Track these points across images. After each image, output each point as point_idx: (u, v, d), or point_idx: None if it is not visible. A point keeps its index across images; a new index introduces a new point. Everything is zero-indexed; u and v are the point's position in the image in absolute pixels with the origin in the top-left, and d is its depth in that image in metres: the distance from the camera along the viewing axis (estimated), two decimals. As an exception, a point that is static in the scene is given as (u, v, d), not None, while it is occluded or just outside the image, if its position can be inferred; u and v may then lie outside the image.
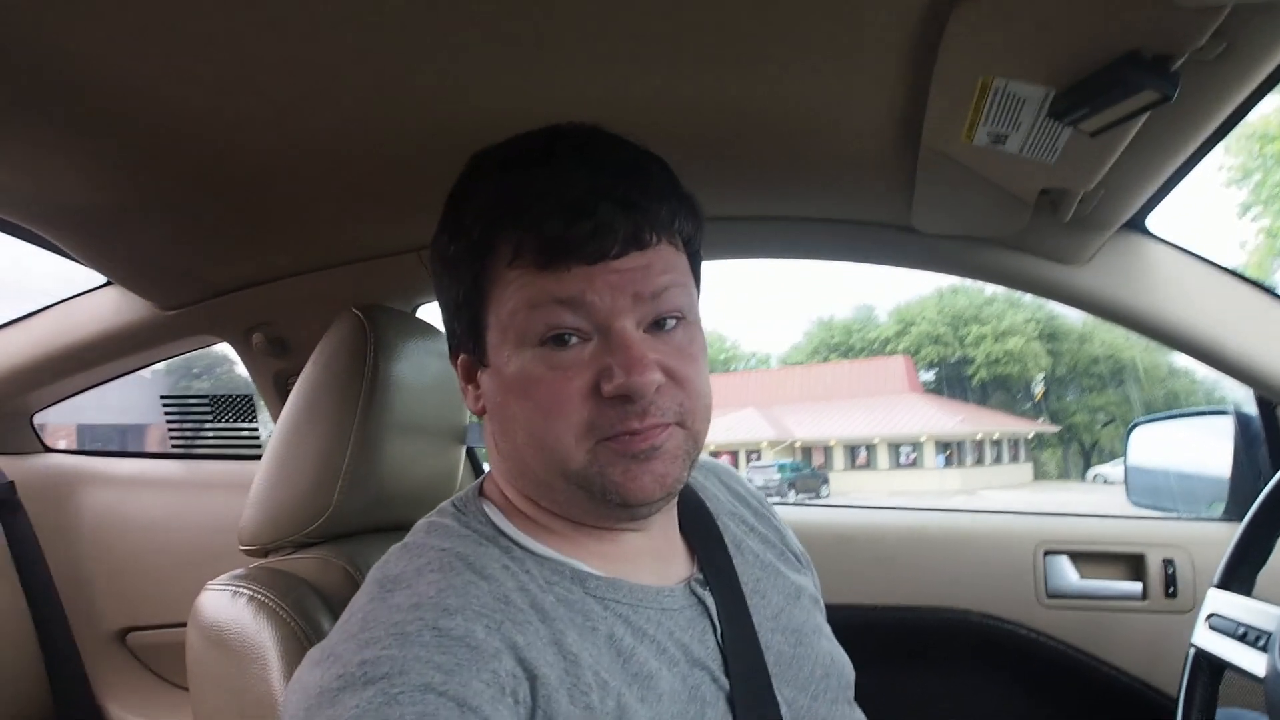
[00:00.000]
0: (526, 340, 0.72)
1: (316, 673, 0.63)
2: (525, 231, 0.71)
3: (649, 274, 0.72)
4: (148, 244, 1.38)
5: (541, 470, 0.75)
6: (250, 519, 1.07)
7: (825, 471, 24.32)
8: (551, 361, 0.71)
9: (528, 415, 0.73)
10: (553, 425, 0.72)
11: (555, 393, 0.71)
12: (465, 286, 0.76)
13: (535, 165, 0.74)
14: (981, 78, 0.82)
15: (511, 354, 0.73)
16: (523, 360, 0.72)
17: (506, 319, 0.73)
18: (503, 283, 0.73)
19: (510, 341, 0.73)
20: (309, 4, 0.77)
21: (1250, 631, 1.03)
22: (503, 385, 0.75)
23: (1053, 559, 1.61)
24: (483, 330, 0.76)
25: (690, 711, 0.73)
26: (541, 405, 0.72)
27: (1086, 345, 29.83)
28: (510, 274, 0.72)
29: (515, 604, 0.70)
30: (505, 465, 0.80)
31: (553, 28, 0.83)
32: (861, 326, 36.04)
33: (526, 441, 0.74)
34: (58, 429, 2.12)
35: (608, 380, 0.70)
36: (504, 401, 0.75)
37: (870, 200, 1.27)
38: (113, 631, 1.87)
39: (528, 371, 0.72)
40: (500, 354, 0.74)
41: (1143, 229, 1.25)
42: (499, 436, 0.79)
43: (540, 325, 0.71)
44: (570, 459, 0.72)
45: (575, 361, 0.71)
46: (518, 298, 0.72)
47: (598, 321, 0.71)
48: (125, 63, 0.86)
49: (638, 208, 0.72)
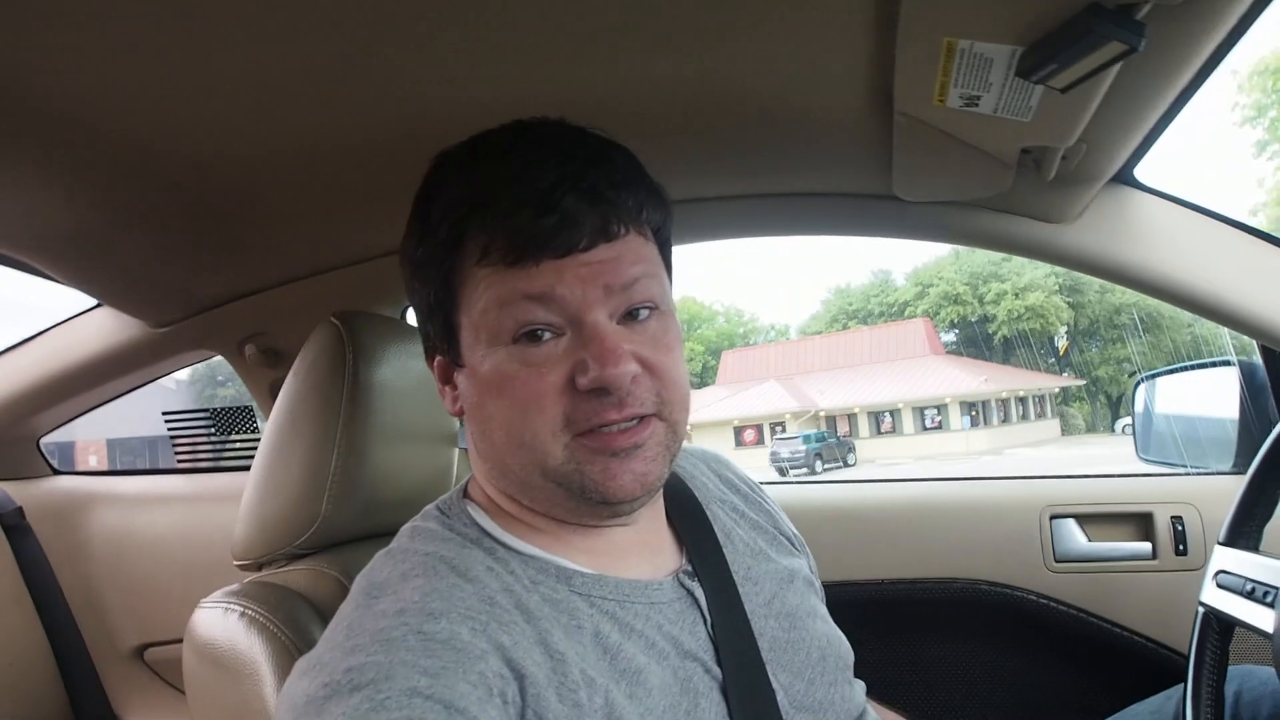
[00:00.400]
0: (499, 338, 0.72)
1: (304, 682, 0.63)
2: (493, 228, 0.70)
3: (619, 265, 0.72)
4: (131, 263, 1.38)
5: (520, 468, 0.75)
6: (242, 533, 1.07)
7: (851, 439, 24.29)
8: (525, 358, 0.71)
9: (504, 413, 0.73)
10: (530, 422, 0.71)
11: (530, 389, 0.71)
12: (435, 288, 0.76)
13: (498, 160, 0.73)
14: (946, 39, 0.80)
15: (485, 353, 0.73)
16: (496, 359, 0.72)
17: (478, 318, 0.73)
18: (473, 282, 0.73)
19: (483, 341, 0.73)
20: (275, 12, 0.76)
21: (1258, 588, 1.01)
22: (478, 385, 0.74)
23: (1059, 523, 1.59)
24: (456, 331, 0.76)
25: (683, 704, 0.74)
26: (518, 403, 0.71)
27: (1108, 296, 29.52)
28: (480, 272, 0.72)
29: (500, 605, 0.70)
30: (486, 465, 0.80)
31: (521, 18, 0.82)
32: (879, 291, 35.92)
33: (505, 440, 0.74)
34: (87, 445, 2.15)
35: (583, 373, 0.70)
36: (480, 401, 0.75)
37: (849, 171, 1.25)
38: (130, 649, 1.90)
39: (502, 370, 0.72)
40: (474, 354, 0.74)
41: (1132, 181, 1.22)
42: (478, 437, 0.79)
43: (511, 322, 0.71)
44: (549, 456, 0.72)
45: (549, 357, 0.71)
46: (488, 296, 0.71)
47: (570, 315, 0.71)
48: (90, 80, 0.86)
49: (604, 199, 0.71)
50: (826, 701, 0.86)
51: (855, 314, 35.88)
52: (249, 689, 0.89)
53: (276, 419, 1.07)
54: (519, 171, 0.71)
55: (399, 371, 1.10)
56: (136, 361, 1.71)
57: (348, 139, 1.05)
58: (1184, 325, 21.36)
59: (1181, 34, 0.79)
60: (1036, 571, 1.58)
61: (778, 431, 24.53)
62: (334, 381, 1.04)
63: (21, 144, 0.98)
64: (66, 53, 0.80)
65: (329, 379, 1.04)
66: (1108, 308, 30.06)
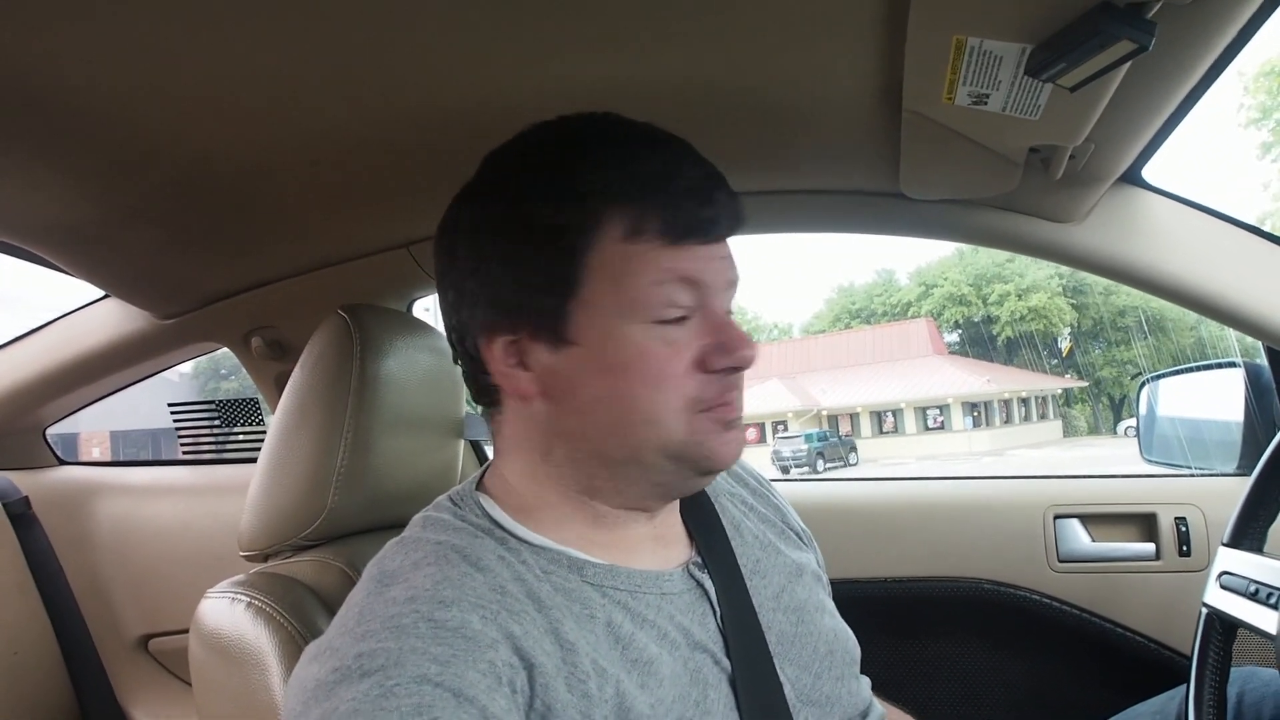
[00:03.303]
0: (639, 315, 0.73)
1: (314, 667, 0.63)
2: (652, 207, 0.72)
3: (733, 263, 0.79)
4: (138, 254, 1.38)
5: (630, 447, 0.75)
6: (248, 524, 1.08)
7: (853, 439, 24.27)
8: (665, 336, 0.73)
9: (629, 390, 0.73)
10: (658, 398, 0.73)
11: (666, 367, 0.73)
12: (553, 259, 0.74)
13: (648, 146, 0.76)
14: (955, 37, 0.80)
15: (618, 328, 0.73)
16: (632, 335, 0.73)
17: (616, 292, 0.73)
18: (616, 257, 0.73)
19: (626, 316, 0.73)
20: (285, 7, 0.76)
21: (1262, 589, 1.01)
22: (594, 361, 0.74)
23: (1063, 523, 1.59)
24: (566, 306, 0.74)
25: (693, 694, 0.74)
26: (649, 379, 0.73)
27: (1112, 297, 29.46)
28: (628, 249, 0.72)
29: (511, 594, 0.70)
30: (563, 448, 0.78)
31: (529, 16, 0.82)
32: (883, 291, 35.83)
33: (620, 417, 0.74)
34: (91, 436, 2.15)
35: (722, 355, 0.74)
36: (589, 379, 0.74)
37: (856, 169, 1.25)
38: (134, 638, 1.90)
39: (639, 346, 0.73)
40: (593, 330, 0.73)
41: (1139, 181, 1.22)
42: (562, 418, 0.77)
43: (659, 300, 0.73)
44: (672, 431, 0.74)
45: (683, 338, 0.74)
46: (639, 271, 0.72)
47: (703, 301, 0.75)
48: (100, 74, 0.86)
49: (736, 199, 0.77)
50: (834, 696, 0.86)
51: (858, 313, 35.80)
52: (255, 678, 0.89)
53: (283, 411, 1.08)
54: (676, 158, 0.75)
55: (406, 364, 1.10)
56: (143, 353, 1.72)
57: (356, 134, 1.05)
58: (1188, 328, 21.31)
59: (1191, 34, 0.79)
60: (1040, 571, 1.58)
61: (780, 430, 24.51)
62: (341, 374, 1.04)
63: (32, 137, 0.98)
64: (76, 47, 0.80)
65: (337, 371, 1.04)
66: (1111, 309, 29.99)
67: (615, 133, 0.77)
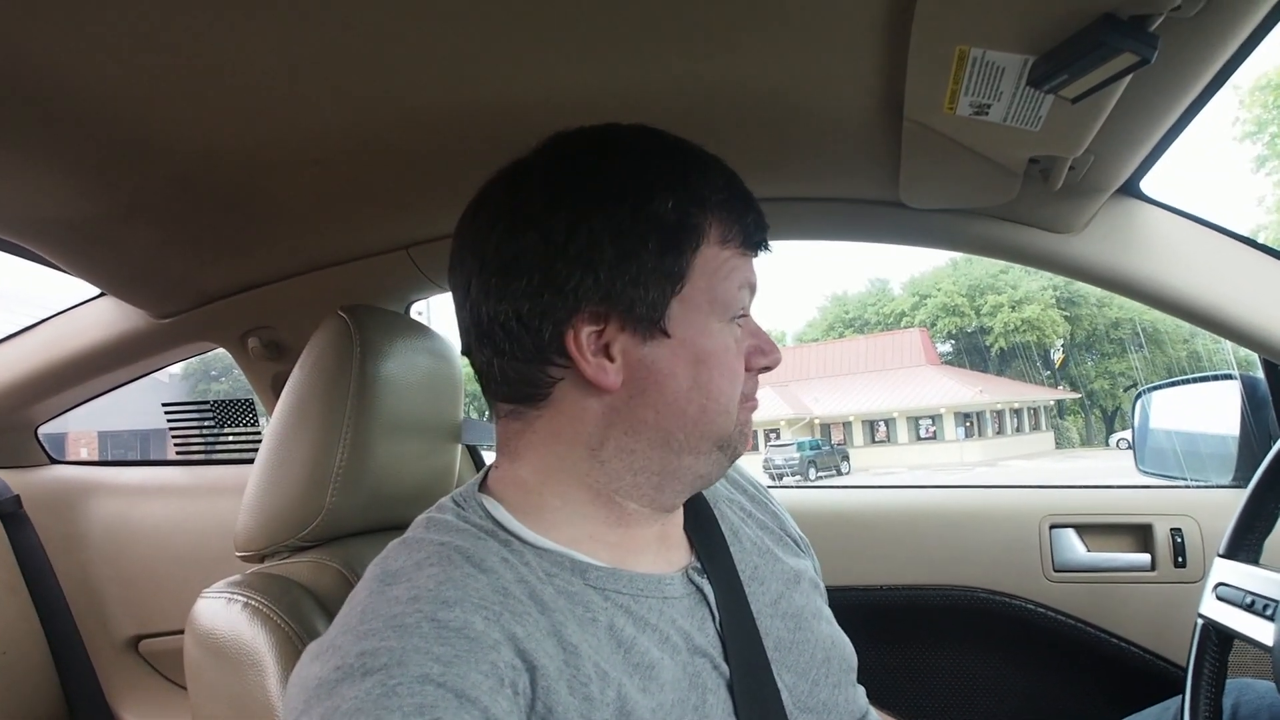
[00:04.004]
0: (726, 314, 0.79)
1: (315, 665, 0.63)
2: (739, 218, 0.80)
3: None
4: (136, 253, 1.37)
5: (699, 435, 0.79)
6: (245, 524, 1.07)
7: (845, 447, 24.29)
8: (735, 335, 0.80)
9: (716, 382, 0.78)
10: (731, 391, 0.80)
11: (735, 362, 0.80)
12: (670, 256, 0.76)
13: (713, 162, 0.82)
14: (958, 47, 0.80)
15: (713, 326, 0.78)
16: (722, 332, 0.79)
17: (712, 293, 0.78)
18: (714, 261, 0.78)
19: (714, 314, 0.78)
20: (286, 6, 0.76)
21: (1258, 600, 1.01)
22: (687, 355, 0.77)
23: (1059, 532, 1.60)
24: (669, 299, 0.76)
25: (691, 699, 0.74)
26: (728, 373, 0.79)
27: (1105, 309, 29.59)
28: (723, 254, 0.79)
29: (514, 595, 0.70)
30: (620, 440, 0.78)
31: (531, 19, 0.82)
32: (876, 300, 35.93)
33: (704, 407, 0.78)
34: (79, 436, 2.14)
35: (760, 356, 0.83)
36: (676, 369, 0.77)
37: (856, 177, 1.25)
38: (124, 639, 1.89)
39: (725, 342, 0.79)
40: (688, 324, 0.77)
41: (1138, 193, 1.22)
42: (638, 408, 0.77)
43: (738, 303, 0.80)
44: (730, 421, 0.80)
45: (741, 338, 0.82)
46: (732, 276, 0.79)
47: (747, 307, 0.83)
48: (99, 71, 0.85)
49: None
50: (830, 703, 0.86)
51: (852, 322, 35.90)
52: (252, 679, 0.88)
53: (282, 411, 1.07)
54: (730, 174, 0.82)
55: (405, 366, 1.10)
56: (138, 352, 1.71)
57: (357, 135, 1.05)
58: (1182, 340, 21.37)
59: (1193, 47, 0.80)
60: (1035, 581, 1.58)
61: (772, 438, 24.51)
62: (341, 375, 1.04)
63: (30, 134, 0.98)
64: (76, 43, 0.80)
65: (336, 372, 1.04)
66: (1105, 321, 30.12)
67: (686, 145, 0.82)
